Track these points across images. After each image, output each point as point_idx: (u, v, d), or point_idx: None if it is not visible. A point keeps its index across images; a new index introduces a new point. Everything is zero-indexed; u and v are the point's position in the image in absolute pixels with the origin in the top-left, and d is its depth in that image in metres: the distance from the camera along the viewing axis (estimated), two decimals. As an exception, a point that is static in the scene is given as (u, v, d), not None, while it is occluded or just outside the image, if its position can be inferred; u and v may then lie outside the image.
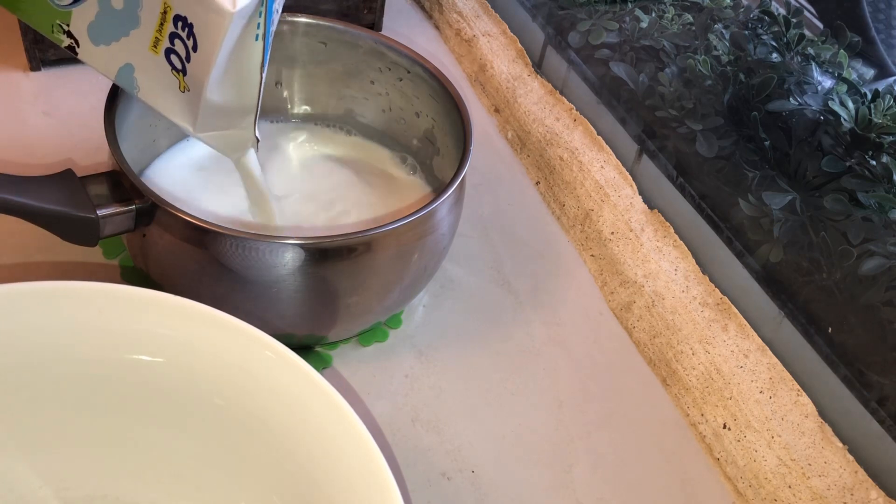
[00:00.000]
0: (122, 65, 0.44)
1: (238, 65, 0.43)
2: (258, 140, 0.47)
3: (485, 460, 0.48)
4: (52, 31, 0.44)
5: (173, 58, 0.43)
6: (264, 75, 0.44)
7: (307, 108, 0.61)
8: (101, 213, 0.44)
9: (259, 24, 0.42)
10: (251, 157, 0.49)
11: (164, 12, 0.41)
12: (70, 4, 0.43)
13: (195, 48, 0.41)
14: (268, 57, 0.43)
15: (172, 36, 0.42)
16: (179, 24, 0.41)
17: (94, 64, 0.44)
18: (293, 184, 0.56)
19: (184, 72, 0.43)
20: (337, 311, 0.48)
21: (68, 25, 0.43)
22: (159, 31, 0.42)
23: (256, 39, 0.42)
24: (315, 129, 0.60)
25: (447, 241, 0.51)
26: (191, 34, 0.41)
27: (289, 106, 0.61)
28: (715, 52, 0.60)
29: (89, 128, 0.61)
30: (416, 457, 0.47)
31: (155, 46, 0.43)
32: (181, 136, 0.56)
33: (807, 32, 0.57)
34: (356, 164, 0.58)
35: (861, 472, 0.46)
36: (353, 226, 0.52)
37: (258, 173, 0.50)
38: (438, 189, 0.56)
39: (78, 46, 0.44)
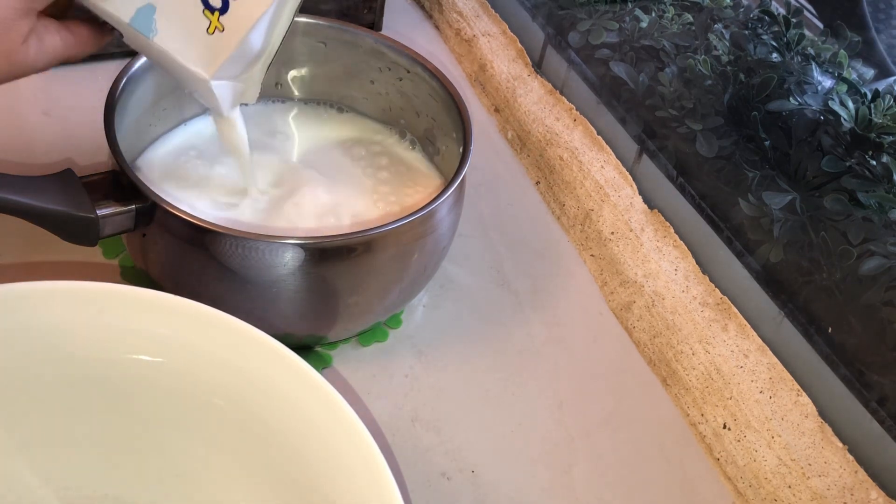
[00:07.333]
0: (142, 5, 0.42)
1: (281, 8, 0.43)
2: (258, 92, 0.46)
3: (485, 460, 0.48)
4: None
5: None
6: (291, 22, 0.44)
7: (307, 107, 0.61)
8: (100, 213, 0.44)
9: None
10: (238, 116, 0.48)
11: None
12: None
13: None
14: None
15: None
16: None
17: (108, 6, 0.42)
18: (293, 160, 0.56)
19: (223, 10, 0.42)
20: (337, 311, 0.48)
21: None
22: None
23: None
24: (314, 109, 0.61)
25: (447, 241, 0.51)
26: None
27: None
28: (715, 52, 0.60)
29: (89, 128, 0.61)
30: (416, 457, 0.47)
31: None
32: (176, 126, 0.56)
33: (807, 32, 0.57)
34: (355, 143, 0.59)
35: (861, 472, 0.46)
36: (353, 226, 0.52)
37: (242, 132, 0.49)
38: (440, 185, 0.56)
39: None
